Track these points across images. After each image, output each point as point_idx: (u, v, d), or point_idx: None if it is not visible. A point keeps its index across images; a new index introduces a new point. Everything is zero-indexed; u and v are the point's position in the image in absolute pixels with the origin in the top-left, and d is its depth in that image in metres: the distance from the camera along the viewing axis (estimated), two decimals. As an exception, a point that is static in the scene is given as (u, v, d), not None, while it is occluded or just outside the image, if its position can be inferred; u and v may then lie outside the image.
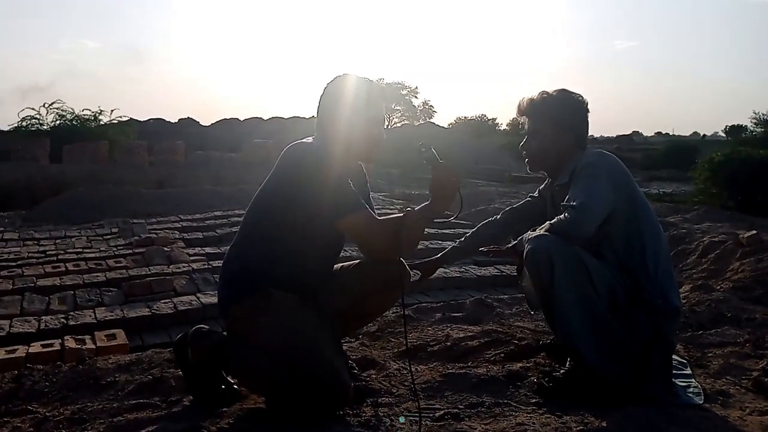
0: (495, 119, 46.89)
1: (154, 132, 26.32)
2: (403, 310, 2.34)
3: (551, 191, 2.38)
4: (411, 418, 1.93)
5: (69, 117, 17.89)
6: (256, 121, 36.09)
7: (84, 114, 18.08)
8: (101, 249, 6.09)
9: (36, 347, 3.18)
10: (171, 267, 5.19)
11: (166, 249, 5.73)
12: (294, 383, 1.88)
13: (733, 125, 49.06)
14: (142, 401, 2.13)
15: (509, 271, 5.24)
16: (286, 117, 36.12)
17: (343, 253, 2.32)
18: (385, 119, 2.26)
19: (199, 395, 2.08)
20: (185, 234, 6.83)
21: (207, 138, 28.48)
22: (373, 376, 2.32)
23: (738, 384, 2.22)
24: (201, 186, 10.77)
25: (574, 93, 2.27)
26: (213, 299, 4.22)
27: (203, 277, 4.88)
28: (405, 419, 1.87)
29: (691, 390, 2.11)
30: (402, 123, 39.85)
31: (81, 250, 6.05)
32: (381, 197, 9.81)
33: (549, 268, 1.98)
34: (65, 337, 3.35)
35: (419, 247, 5.39)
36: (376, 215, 2.28)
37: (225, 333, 2.13)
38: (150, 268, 5.15)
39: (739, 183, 9.13)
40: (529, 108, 2.28)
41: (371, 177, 2.41)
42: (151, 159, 16.05)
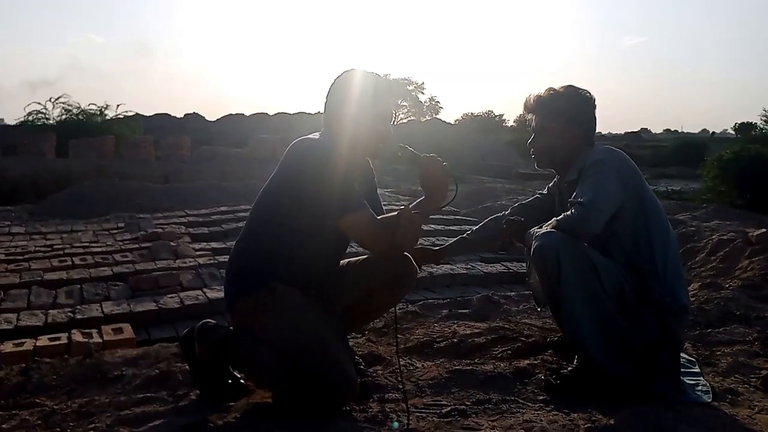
0: (502, 116, 46.90)
1: (159, 127, 26.39)
2: (395, 312, 2.34)
3: (560, 188, 2.36)
4: (418, 414, 1.93)
5: (75, 111, 17.97)
6: (261, 117, 36.11)
7: (90, 109, 18.17)
8: (108, 243, 6.11)
9: (43, 340, 3.20)
10: (177, 262, 5.20)
11: (172, 244, 5.74)
12: (300, 378, 1.88)
13: (743, 123, 48.81)
14: (149, 395, 2.13)
15: (516, 269, 5.23)
16: (291, 113, 36.14)
17: (351, 249, 2.31)
18: (393, 115, 2.24)
19: (206, 390, 2.08)
20: (191, 229, 6.84)
21: (212, 133, 28.55)
22: (380, 372, 2.32)
23: (747, 382, 2.21)
24: (207, 181, 10.79)
25: (581, 89, 2.25)
26: (219, 294, 4.22)
27: (209, 272, 4.89)
28: (398, 425, 1.84)
29: (700, 388, 2.10)
30: (408, 119, 39.78)
31: (87, 244, 6.07)
32: (387, 193, 9.81)
33: (556, 265, 1.96)
34: (72, 331, 3.36)
35: (426, 243, 5.42)
36: (383, 211, 2.28)
37: (231, 328, 2.13)
38: (156, 262, 5.16)
39: (749, 181, 9.08)
40: (537, 105, 2.26)
41: (377, 173, 2.40)
42: (157, 154, 16.10)
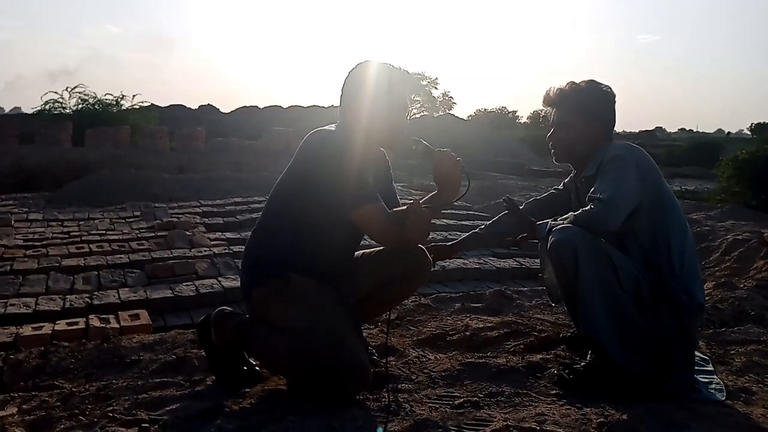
0: (515, 112, 46.69)
1: (174, 118, 26.47)
2: (389, 315, 2.35)
3: (576, 183, 2.36)
4: (430, 405, 1.94)
5: (91, 101, 18.06)
6: (275, 109, 36.17)
7: (106, 99, 18.25)
8: (124, 231, 6.18)
9: (61, 325, 3.25)
10: (192, 251, 5.25)
11: (187, 233, 5.80)
12: (314, 366, 1.89)
13: (759, 123, 48.32)
14: (166, 380, 2.17)
15: (529, 264, 5.23)
16: (305, 105, 36.16)
17: (366, 241, 2.32)
18: (408, 106, 2.23)
19: (222, 376, 2.11)
20: (206, 219, 6.90)
21: (227, 125, 28.61)
22: (393, 362, 2.34)
23: (761, 382, 2.20)
24: (221, 172, 10.85)
25: (602, 84, 2.25)
26: (234, 283, 4.27)
27: (224, 262, 4.93)
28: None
29: (713, 386, 2.09)
30: (421, 114, 39.64)
31: (104, 232, 6.14)
32: (400, 188, 9.78)
33: (573, 260, 1.97)
34: (90, 316, 3.41)
35: (438, 238, 5.43)
36: (398, 203, 2.29)
37: (247, 316, 2.16)
38: (172, 251, 5.22)
39: (764, 182, 8.97)
40: (558, 98, 2.26)
41: (391, 167, 2.40)
42: (172, 145, 16.16)
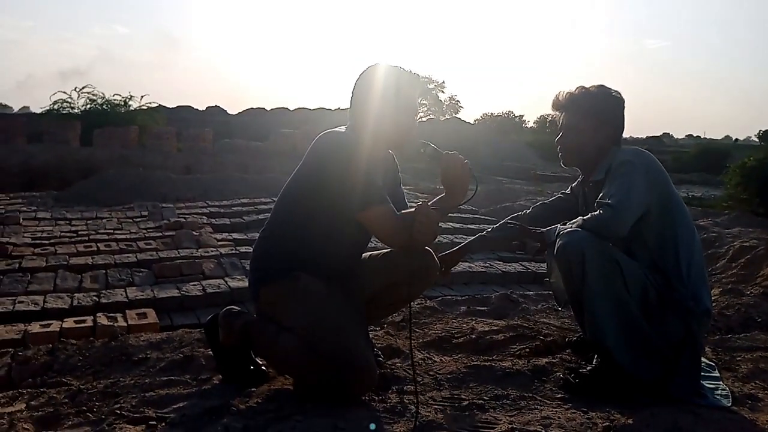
0: (522, 116, 46.59)
1: (182, 119, 26.57)
2: (410, 314, 2.36)
3: (584, 188, 2.36)
4: (436, 406, 1.95)
5: (99, 101, 18.18)
6: (282, 111, 36.24)
7: (114, 99, 18.36)
8: (131, 231, 6.21)
9: (69, 323, 3.28)
10: (200, 251, 5.27)
11: (194, 233, 5.82)
12: (320, 365, 1.90)
13: (767, 130, 47.99)
14: (173, 378, 2.18)
15: (535, 268, 5.22)
16: (312, 108, 36.26)
17: (374, 243, 2.33)
18: (417, 108, 2.24)
19: (229, 375, 2.13)
20: (213, 219, 6.92)
21: (234, 126, 28.69)
22: (398, 364, 2.34)
23: (767, 389, 2.20)
24: (228, 173, 10.89)
25: (612, 89, 2.25)
26: (241, 283, 4.29)
27: (231, 262, 4.95)
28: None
29: (719, 392, 2.09)
30: (428, 118, 39.66)
31: (112, 231, 6.17)
32: (406, 191, 9.76)
33: (581, 264, 1.97)
34: (97, 314, 3.44)
35: (444, 242, 5.44)
36: (406, 205, 2.30)
37: (255, 316, 2.17)
38: (179, 251, 5.24)
39: (772, 189, 8.91)
40: (568, 102, 2.26)
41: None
42: (179, 145, 16.24)
